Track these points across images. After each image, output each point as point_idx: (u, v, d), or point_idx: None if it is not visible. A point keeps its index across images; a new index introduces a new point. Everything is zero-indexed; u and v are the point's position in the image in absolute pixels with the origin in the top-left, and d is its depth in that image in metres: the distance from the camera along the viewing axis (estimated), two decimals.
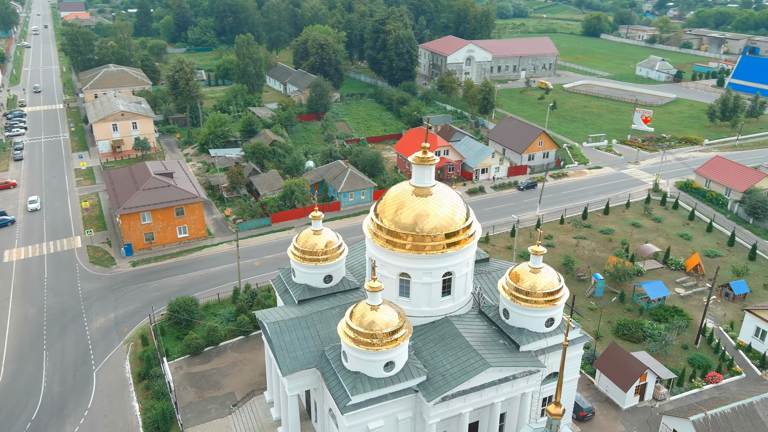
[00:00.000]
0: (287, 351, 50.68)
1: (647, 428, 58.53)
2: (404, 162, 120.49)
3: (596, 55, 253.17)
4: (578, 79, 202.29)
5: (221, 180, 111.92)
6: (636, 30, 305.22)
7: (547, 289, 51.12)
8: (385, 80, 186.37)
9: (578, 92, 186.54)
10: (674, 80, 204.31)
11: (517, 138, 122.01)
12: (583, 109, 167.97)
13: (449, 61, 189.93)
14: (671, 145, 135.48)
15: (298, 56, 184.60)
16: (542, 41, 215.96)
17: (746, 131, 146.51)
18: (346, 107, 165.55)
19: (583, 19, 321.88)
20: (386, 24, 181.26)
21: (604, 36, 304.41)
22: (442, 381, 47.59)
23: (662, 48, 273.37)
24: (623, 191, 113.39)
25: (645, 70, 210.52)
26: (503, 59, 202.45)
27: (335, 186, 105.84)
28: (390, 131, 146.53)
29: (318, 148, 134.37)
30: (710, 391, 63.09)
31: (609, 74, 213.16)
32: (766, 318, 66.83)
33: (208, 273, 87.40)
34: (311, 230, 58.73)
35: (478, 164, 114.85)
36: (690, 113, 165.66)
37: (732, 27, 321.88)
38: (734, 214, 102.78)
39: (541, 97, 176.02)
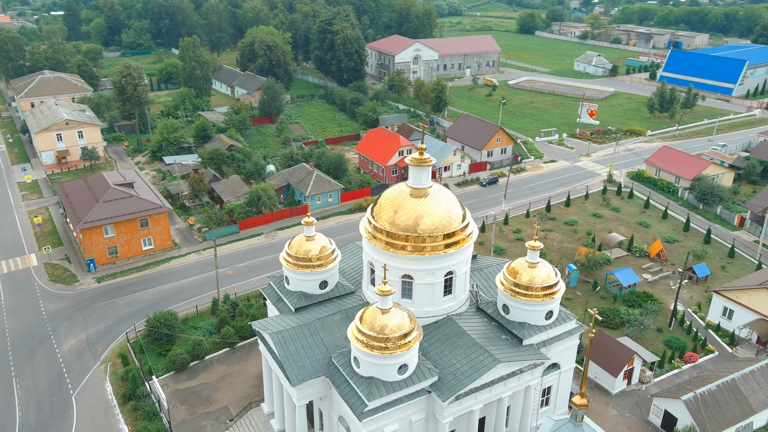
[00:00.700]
0: (294, 361, 49.77)
1: (638, 411, 61.03)
2: (367, 162, 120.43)
3: (534, 51, 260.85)
4: (521, 76, 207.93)
5: (181, 188, 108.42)
6: (568, 27, 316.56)
7: (546, 283, 52.46)
8: (334, 81, 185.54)
9: (523, 88, 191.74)
10: (610, 74, 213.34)
11: (475, 135, 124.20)
12: (530, 104, 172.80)
13: (397, 61, 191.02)
14: (618, 137, 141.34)
15: (244, 58, 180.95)
16: (485, 39, 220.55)
17: (684, 121, 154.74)
18: (298, 109, 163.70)
19: (517, 16, 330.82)
20: (333, 24, 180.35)
21: (538, 33, 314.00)
22: (454, 380, 47.99)
23: (594, 44, 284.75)
24: (580, 183, 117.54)
25: (582, 65, 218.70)
26: (448, 57, 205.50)
27: (302, 189, 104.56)
28: (347, 132, 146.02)
29: (276, 151, 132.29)
30: (689, 370, 66.42)
31: (549, 70, 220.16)
32: (732, 298, 70.97)
33: (179, 285, 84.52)
34: (303, 236, 57.87)
35: (440, 162, 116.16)
36: (629, 106, 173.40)
37: (654, 23, 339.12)
38: (685, 200, 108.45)
39: (489, 94, 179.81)
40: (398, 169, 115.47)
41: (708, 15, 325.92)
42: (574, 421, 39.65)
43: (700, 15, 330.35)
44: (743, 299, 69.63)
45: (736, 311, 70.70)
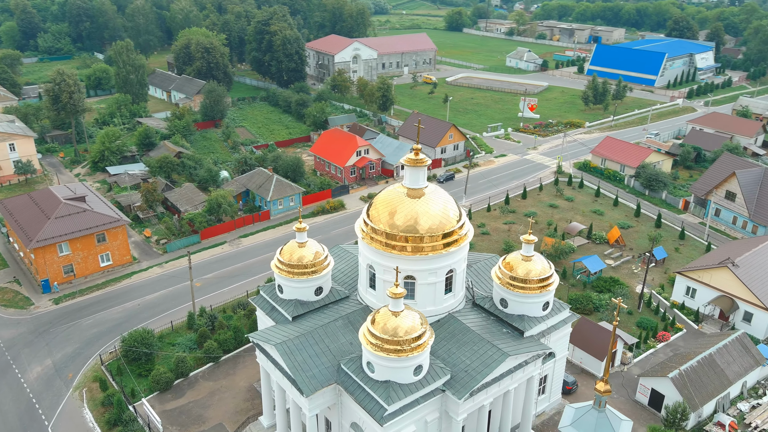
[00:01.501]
0: (303, 371, 48.76)
1: (624, 391, 63.86)
2: (323, 164, 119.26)
3: (465, 48, 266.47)
4: (457, 73, 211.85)
5: (133, 199, 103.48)
6: (494, 24, 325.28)
7: (542, 275, 53.90)
8: (274, 82, 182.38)
9: (461, 85, 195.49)
10: (541, 69, 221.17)
11: (428, 133, 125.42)
12: (471, 100, 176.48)
13: (337, 60, 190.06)
14: (566, 130, 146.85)
15: (179, 61, 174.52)
16: (420, 37, 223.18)
17: (617, 112, 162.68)
18: (241, 112, 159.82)
19: (445, 14, 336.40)
20: (270, 25, 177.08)
21: (466, 30, 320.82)
22: (466, 377, 48.51)
23: (520, 39, 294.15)
24: (532, 176, 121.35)
25: (514, 60, 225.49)
26: (386, 56, 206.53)
27: (263, 195, 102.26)
28: (296, 134, 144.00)
29: (226, 156, 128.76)
30: (663, 349, 70.15)
31: (483, 66, 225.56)
32: (695, 278, 75.50)
33: (146, 301, 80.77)
34: (295, 243, 56.76)
35: (398, 161, 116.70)
36: (564, 99, 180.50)
37: (573, 18, 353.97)
38: (632, 188, 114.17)
39: (430, 91, 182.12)
40: (356, 169, 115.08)
41: (621, 10, 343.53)
42: (597, 407, 41.05)
43: (614, 11, 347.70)
44: (705, 278, 74.19)
45: (699, 290, 75.25)
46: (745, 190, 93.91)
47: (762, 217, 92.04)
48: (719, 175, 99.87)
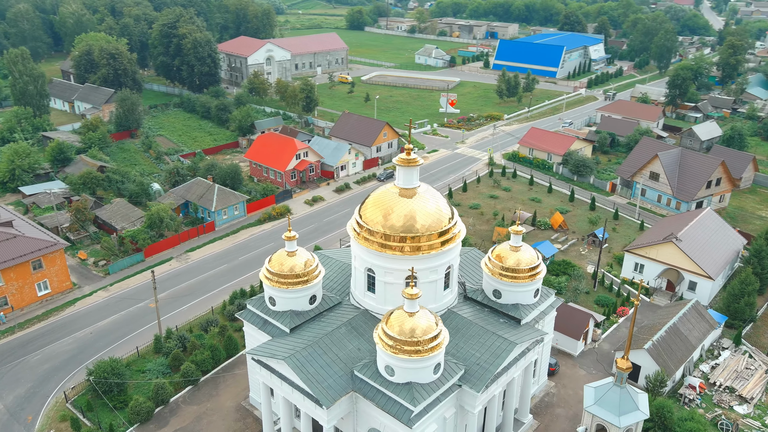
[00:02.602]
0: (317, 382, 47.54)
1: (600, 366, 67.64)
2: (261, 170, 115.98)
3: (371, 47, 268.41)
4: (370, 72, 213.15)
5: (59, 219, 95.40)
6: (394, 21, 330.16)
7: (531, 264, 55.89)
8: (185, 87, 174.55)
9: (376, 83, 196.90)
10: (450, 65, 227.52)
11: (362, 132, 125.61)
12: (390, 98, 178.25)
13: (250, 63, 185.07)
14: (482, 123, 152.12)
15: (81, 69, 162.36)
16: (331, 37, 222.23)
17: (530, 104, 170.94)
18: (156, 120, 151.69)
19: (346, 14, 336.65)
20: (178, 27, 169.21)
21: (368, 29, 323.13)
22: (480, 369, 49.42)
23: (422, 37, 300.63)
24: (467, 169, 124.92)
25: (423, 58, 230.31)
26: (299, 57, 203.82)
27: (205, 205, 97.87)
28: (221, 140, 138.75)
29: (151, 168, 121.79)
30: (624, 323, 75.00)
31: (393, 64, 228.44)
32: (642, 254, 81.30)
33: (99, 328, 74.93)
34: (284, 252, 55.11)
35: (338, 162, 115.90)
36: (478, 93, 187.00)
37: (467, 14, 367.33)
38: (560, 174, 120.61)
39: (349, 90, 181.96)
40: (297, 173, 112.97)
41: (512, 6, 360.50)
42: (619, 383, 43.33)
43: (505, 7, 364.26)
44: (652, 254, 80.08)
45: (646, 265, 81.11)
46: (667, 170, 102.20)
47: (684, 193, 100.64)
48: (641, 157, 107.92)
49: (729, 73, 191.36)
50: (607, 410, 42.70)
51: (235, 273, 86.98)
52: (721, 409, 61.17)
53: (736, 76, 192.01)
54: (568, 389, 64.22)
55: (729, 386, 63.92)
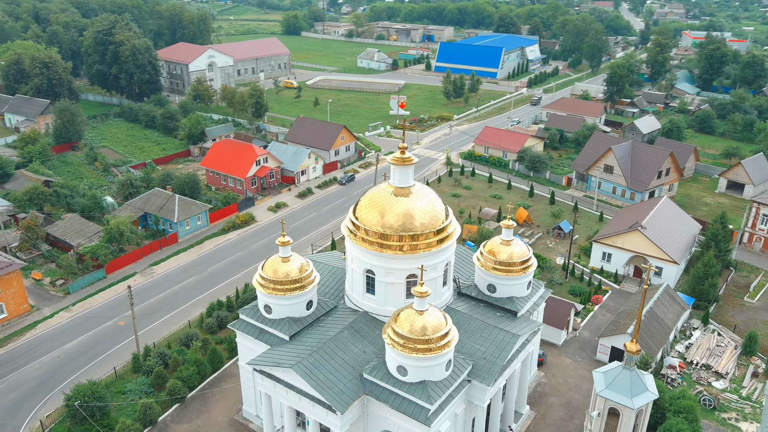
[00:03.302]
0: (328, 388, 46.51)
1: (584, 354, 69.57)
2: (218, 178, 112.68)
3: (311, 52, 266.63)
4: (314, 76, 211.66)
5: (8, 239, 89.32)
6: (331, 26, 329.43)
7: (523, 257, 56.87)
8: (124, 96, 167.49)
9: (322, 87, 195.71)
10: (392, 68, 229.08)
11: (319, 136, 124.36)
12: (338, 102, 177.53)
13: (191, 69, 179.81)
14: (434, 124, 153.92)
15: (9, 79, 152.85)
16: (272, 42, 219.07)
17: (476, 104, 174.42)
18: (97, 131, 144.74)
19: (282, 19, 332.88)
20: (114, 34, 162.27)
21: (304, 34, 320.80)
22: (487, 363, 49.75)
23: (360, 41, 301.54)
24: (425, 169, 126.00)
25: (366, 61, 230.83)
26: (242, 62, 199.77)
27: (167, 216, 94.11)
28: (170, 150, 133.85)
29: (99, 181, 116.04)
30: (599, 311, 77.51)
31: (336, 68, 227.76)
32: (609, 243, 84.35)
33: (66, 351, 70.56)
34: (279, 258, 53.73)
35: (298, 167, 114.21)
36: (424, 95, 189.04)
37: (401, 18, 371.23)
38: (517, 171, 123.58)
39: (297, 95, 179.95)
40: (257, 179, 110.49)
41: (445, 10, 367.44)
42: (629, 366, 44.64)
43: (438, 10, 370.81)
44: (619, 243, 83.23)
45: (614, 254, 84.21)
46: (621, 162, 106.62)
47: (638, 183, 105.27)
48: (595, 151, 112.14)
49: (657, 70, 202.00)
50: (619, 393, 43.91)
51: (205, 285, 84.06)
52: (701, 386, 64.19)
53: (663, 72, 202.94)
54: (558, 378, 65.68)
55: (705, 364, 67.19)
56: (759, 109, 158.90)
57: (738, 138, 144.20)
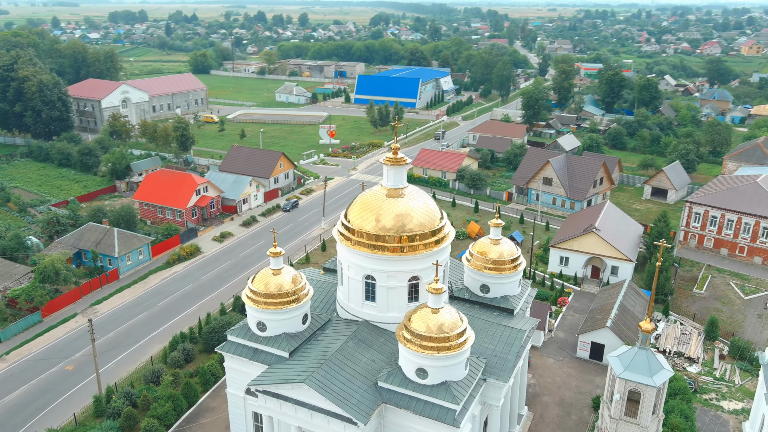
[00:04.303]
0: (346, 400, 43.58)
1: (564, 352, 70.28)
2: (154, 210, 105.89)
3: (225, 89, 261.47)
4: (233, 111, 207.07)
5: None
6: (241, 64, 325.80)
7: (513, 255, 56.96)
8: (29, 135, 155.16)
9: (244, 121, 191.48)
10: (312, 102, 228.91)
11: (257, 164, 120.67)
12: (264, 134, 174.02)
13: (104, 105, 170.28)
14: (366, 150, 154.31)
15: None
16: (188, 78, 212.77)
17: (404, 131, 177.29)
18: (3, 172, 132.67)
19: (189, 58, 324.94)
20: (17, 70, 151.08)
21: (214, 72, 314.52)
22: (500, 360, 48.80)
23: (273, 78, 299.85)
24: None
25: (284, 95, 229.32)
26: (157, 98, 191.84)
27: (106, 252, 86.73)
28: (92, 187, 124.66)
29: (15, 222, 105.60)
30: (567, 311, 79.08)
31: (254, 103, 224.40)
32: (566, 247, 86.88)
33: (8, 404, 62.26)
34: (270, 271, 50.56)
35: (240, 195, 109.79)
36: (349, 125, 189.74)
37: (310, 56, 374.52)
38: (457, 189, 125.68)
39: (221, 129, 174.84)
40: (198, 210, 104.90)
41: (353, 48, 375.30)
42: (645, 346, 45.18)
43: (346, 48, 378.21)
44: (575, 246, 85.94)
45: (571, 257, 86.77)
46: (559, 174, 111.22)
47: (576, 193, 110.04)
48: (532, 166, 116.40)
49: (564, 95, 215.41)
50: (639, 373, 44.15)
51: (159, 320, 77.68)
52: (678, 372, 66.46)
53: (569, 97, 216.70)
54: (546, 378, 65.74)
55: (677, 351, 69.86)
56: (660, 126, 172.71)
57: (647, 152, 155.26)
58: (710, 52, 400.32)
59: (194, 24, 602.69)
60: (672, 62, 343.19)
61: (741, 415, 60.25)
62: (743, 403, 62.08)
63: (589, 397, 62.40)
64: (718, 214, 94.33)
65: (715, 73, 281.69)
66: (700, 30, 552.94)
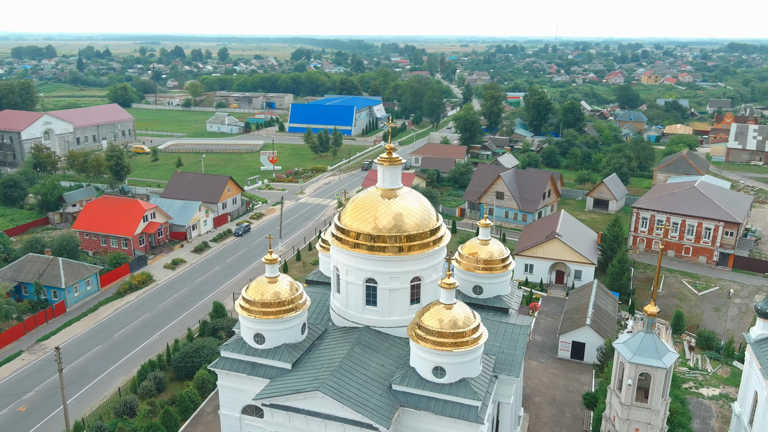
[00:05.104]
0: (364, 405, 41.49)
1: (545, 354, 70.73)
2: (97, 240, 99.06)
3: (150, 120, 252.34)
4: (164, 141, 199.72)
5: None
6: (164, 97, 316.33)
7: (503, 255, 57.23)
8: None
9: (176, 151, 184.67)
10: (245, 131, 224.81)
11: (204, 189, 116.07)
12: (199, 163, 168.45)
13: (25, 137, 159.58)
14: (311, 175, 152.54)
15: None
16: (113, 108, 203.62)
17: (345, 156, 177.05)
18: None
19: (108, 92, 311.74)
20: None
21: (135, 105, 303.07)
22: (508, 357, 48.30)
23: (199, 109, 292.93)
24: (320, 215, 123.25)
25: (216, 125, 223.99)
26: (82, 129, 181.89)
27: (50, 283, 79.83)
28: (19, 220, 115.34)
29: None
30: (540, 315, 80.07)
31: (184, 134, 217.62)
32: (530, 255, 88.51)
33: None
34: (265, 279, 48.12)
35: (189, 221, 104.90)
36: (288, 152, 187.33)
37: (235, 88, 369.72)
38: None
39: (154, 159, 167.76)
40: (146, 237, 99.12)
41: (278, 80, 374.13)
42: (651, 330, 46.04)
43: (272, 81, 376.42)
44: (539, 253, 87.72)
45: (536, 264, 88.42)
46: (510, 188, 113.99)
47: (528, 205, 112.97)
48: (483, 181, 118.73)
49: (494, 119, 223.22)
50: (648, 357, 44.82)
51: (118, 352, 71.89)
52: None
53: (498, 121, 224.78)
54: (533, 380, 65.76)
55: None
56: (587, 145, 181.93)
57: (580, 168, 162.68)
58: (615, 82, 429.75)
59: (108, 59, 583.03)
60: (584, 90, 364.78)
61: (720, 400, 62.48)
62: (720, 389, 64.50)
63: (578, 395, 62.88)
64: (664, 217, 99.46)
65: (624, 99, 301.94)
66: (603, 62, 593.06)
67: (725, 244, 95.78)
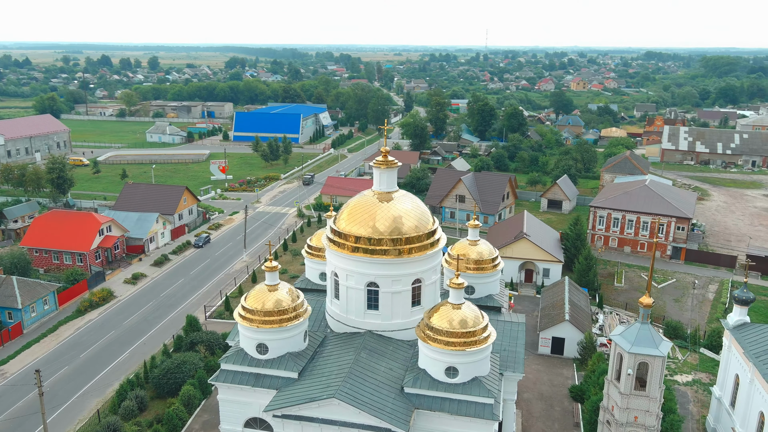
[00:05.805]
0: (380, 409, 41.02)
1: (526, 351, 71.88)
2: (48, 257, 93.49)
3: (82, 132, 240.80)
4: (103, 153, 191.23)
5: None
6: (96, 107, 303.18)
7: (493, 255, 58.13)
8: None
9: (116, 163, 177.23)
10: (187, 140, 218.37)
11: (159, 201, 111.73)
12: (145, 174, 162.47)
13: None
14: (264, 184, 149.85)
15: None
16: (47, 119, 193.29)
17: (297, 163, 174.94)
18: None
19: (34, 102, 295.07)
20: None
21: (65, 116, 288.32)
22: (511, 354, 48.99)
23: (135, 120, 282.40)
24: (280, 222, 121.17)
25: (157, 135, 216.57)
26: (12, 141, 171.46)
27: (4, 303, 74.70)
28: None
29: None
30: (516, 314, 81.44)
31: (123, 144, 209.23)
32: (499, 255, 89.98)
33: None
34: (266, 287, 46.91)
35: (147, 234, 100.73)
36: (236, 161, 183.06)
37: (171, 98, 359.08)
38: None
39: (96, 171, 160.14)
40: (103, 251, 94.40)
41: (216, 89, 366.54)
42: (647, 321, 47.77)
43: (209, 89, 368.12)
44: (508, 252, 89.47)
45: (505, 264, 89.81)
46: (471, 191, 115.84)
47: (488, 207, 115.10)
48: (443, 185, 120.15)
49: (440, 126, 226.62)
50: (646, 346, 46.42)
51: (87, 373, 67.98)
52: None
53: (444, 127, 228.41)
54: None
55: None
56: (533, 148, 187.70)
57: (529, 171, 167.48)
58: (546, 88, 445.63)
59: (28, 69, 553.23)
60: (518, 96, 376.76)
61: (695, 386, 65.52)
62: (692, 375, 67.68)
63: (564, 389, 64.40)
64: (620, 215, 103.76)
65: (559, 104, 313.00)
66: (532, 70, 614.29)
67: (677, 238, 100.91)
